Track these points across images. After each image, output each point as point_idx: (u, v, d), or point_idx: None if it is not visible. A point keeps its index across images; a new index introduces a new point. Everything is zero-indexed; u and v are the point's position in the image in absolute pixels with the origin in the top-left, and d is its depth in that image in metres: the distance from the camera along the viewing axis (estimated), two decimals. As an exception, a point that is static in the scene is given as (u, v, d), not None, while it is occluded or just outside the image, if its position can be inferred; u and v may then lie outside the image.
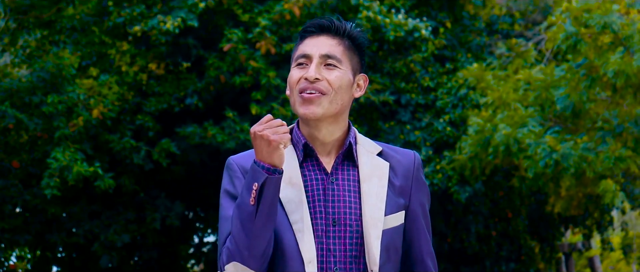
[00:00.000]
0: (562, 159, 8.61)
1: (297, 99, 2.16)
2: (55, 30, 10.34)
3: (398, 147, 2.29)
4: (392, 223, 2.15)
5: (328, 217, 2.12)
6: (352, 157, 2.20)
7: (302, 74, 2.16)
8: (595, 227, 17.13)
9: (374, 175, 2.17)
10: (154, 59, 10.91)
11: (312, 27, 2.20)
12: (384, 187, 2.16)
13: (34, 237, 11.37)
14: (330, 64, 2.16)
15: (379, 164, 2.19)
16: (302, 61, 2.17)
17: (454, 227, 14.06)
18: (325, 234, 2.11)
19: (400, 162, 2.23)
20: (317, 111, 2.13)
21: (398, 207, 2.17)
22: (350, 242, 2.12)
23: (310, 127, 2.18)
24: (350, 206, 2.14)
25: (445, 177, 10.79)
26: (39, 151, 10.05)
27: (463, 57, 11.74)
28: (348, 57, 2.20)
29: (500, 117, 9.48)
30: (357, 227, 2.12)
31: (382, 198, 2.15)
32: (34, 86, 9.53)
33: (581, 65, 8.82)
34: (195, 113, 11.09)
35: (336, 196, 2.15)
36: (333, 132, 2.18)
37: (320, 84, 2.14)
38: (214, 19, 10.87)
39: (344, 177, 2.17)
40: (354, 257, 2.12)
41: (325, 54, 2.16)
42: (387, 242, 2.13)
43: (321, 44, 2.17)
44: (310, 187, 2.15)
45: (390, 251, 2.14)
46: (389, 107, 11.54)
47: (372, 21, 10.49)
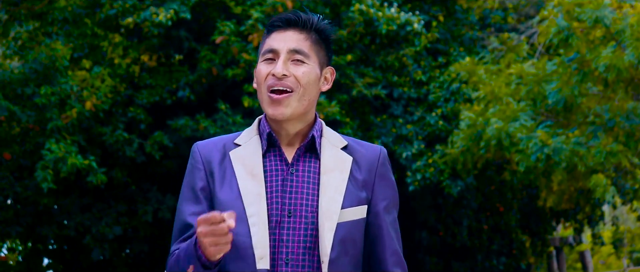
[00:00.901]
0: (553, 154, 8.63)
1: (265, 97, 2.16)
2: (47, 21, 10.30)
3: (365, 142, 2.28)
4: (350, 216, 2.14)
5: (284, 208, 2.13)
6: (315, 149, 2.20)
7: (270, 70, 2.15)
8: (586, 221, 17.20)
9: (336, 168, 2.17)
10: (146, 51, 10.90)
11: (279, 21, 2.18)
12: (344, 181, 2.16)
13: (25, 229, 11.35)
14: (297, 59, 2.16)
15: (342, 158, 2.19)
16: (269, 56, 2.17)
17: (446, 221, 14.10)
18: (279, 225, 2.12)
19: (365, 156, 2.22)
20: (286, 112, 2.14)
21: (359, 201, 2.16)
22: (304, 233, 2.12)
23: (275, 123, 2.19)
24: (308, 197, 2.14)
25: (437, 171, 10.81)
26: (31, 142, 10.02)
27: (455, 51, 11.76)
28: (315, 51, 2.19)
29: (492, 111, 9.50)
30: (312, 218, 2.12)
31: (341, 191, 2.14)
32: (26, 78, 9.50)
33: (573, 59, 8.84)
34: (188, 105, 11.08)
35: (294, 187, 2.15)
36: (297, 125, 2.19)
37: (288, 80, 2.14)
38: (207, 11, 10.86)
39: (305, 168, 2.17)
40: (308, 248, 2.11)
41: (292, 49, 2.16)
42: (343, 235, 2.12)
43: (288, 39, 2.16)
44: (270, 177, 2.16)
45: (346, 244, 2.13)
46: (381, 101, 11.55)
47: (364, 14, 10.49)
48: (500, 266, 14.61)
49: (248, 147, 2.19)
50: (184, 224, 2.17)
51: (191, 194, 2.18)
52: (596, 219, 17.24)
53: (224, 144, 2.22)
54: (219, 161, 2.18)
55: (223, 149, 2.21)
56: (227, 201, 2.13)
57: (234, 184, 2.15)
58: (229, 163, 2.18)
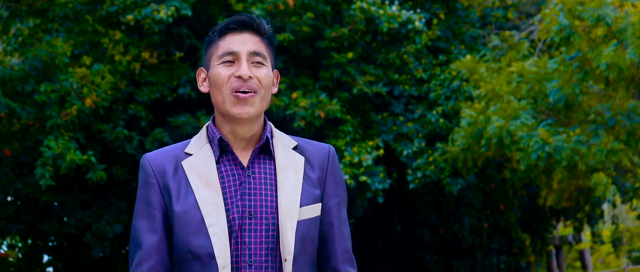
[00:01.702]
0: (554, 152, 8.63)
1: (229, 98, 2.14)
2: (48, 18, 10.28)
3: (314, 141, 2.31)
4: (308, 214, 2.16)
5: (245, 211, 2.13)
6: (268, 151, 2.21)
7: (232, 72, 2.15)
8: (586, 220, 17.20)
9: (290, 168, 2.19)
10: (147, 48, 10.88)
11: (234, 23, 2.18)
12: (299, 180, 2.18)
13: (25, 226, 11.34)
14: (258, 61, 2.17)
15: (294, 158, 2.21)
16: (229, 58, 2.16)
17: (446, 219, 14.10)
18: (241, 227, 2.12)
19: (315, 154, 2.25)
20: (251, 111, 2.14)
21: (314, 198, 2.19)
22: (266, 234, 2.12)
23: (234, 124, 2.18)
24: (267, 198, 2.15)
25: (437, 169, 10.81)
26: (31, 139, 10.01)
27: (456, 49, 11.75)
28: (269, 53, 2.21)
29: (493, 109, 9.49)
30: (273, 219, 2.13)
31: (298, 190, 2.16)
32: (27, 75, 9.48)
33: (574, 58, 8.83)
34: (188, 103, 11.07)
35: (252, 189, 2.16)
36: (254, 127, 2.20)
37: (253, 82, 2.15)
38: (208, 8, 10.85)
39: (261, 170, 2.18)
40: (270, 249, 2.12)
41: (253, 51, 2.16)
42: (303, 233, 2.14)
43: (246, 41, 2.17)
44: (227, 183, 2.15)
45: (306, 242, 2.15)
46: (382, 99, 11.54)
47: (366, 12, 10.48)
48: (500, 265, 14.61)
49: (200, 156, 2.18)
50: (140, 242, 2.16)
51: (146, 210, 2.17)
52: (596, 217, 17.25)
53: (174, 155, 2.20)
54: (172, 173, 2.17)
55: (174, 159, 2.19)
56: (185, 213, 2.12)
57: (190, 195, 2.14)
58: (183, 174, 2.16)
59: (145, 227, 2.16)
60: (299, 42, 10.66)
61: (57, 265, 12.76)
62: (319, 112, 9.90)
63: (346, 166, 10.09)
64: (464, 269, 14.22)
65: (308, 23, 10.36)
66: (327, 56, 10.84)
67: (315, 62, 11.15)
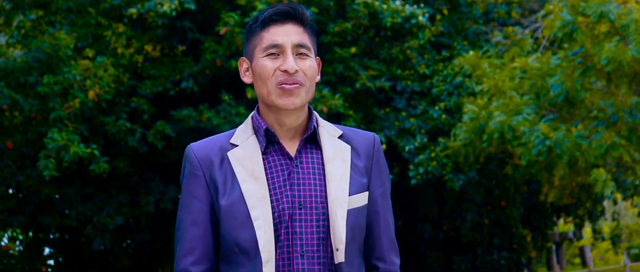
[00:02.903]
0: (555, 147, 8.64)
1: (274, 90, 2.14)
2: (51, 11, 10.28)
3: (358, 130, 2.30)
4: (357, 203, 2.16)
5: (294, 201, 2.13)
6: (315, 140, 2.21)
7: (277, 65, 2.14)
8: (586, 217, 17.22)
9: (337, 157, 2.19)
10: (149, 42, 10.88)
11: (277, 15, 2.17)
12: (347, 169, 2.17)
13: (26, 218, 11.35)
14: (302, 53, 2.16)
15: (341, 147, 2.21)
16: (274, 51, 2.15)
17: (448, 215, 14.11)
18: (291, 218, 2.12)
19: (361, 143, 2.24)
20: (297, 102, 2.14)
21: (362, 187, 2.19)
22: (317, 224, 2.13)
23: (280, 115, 2.18)
24: (316, 188, 2.15)
25: (439, 164, 10.82)
26: (34, 131, 10.02)
27: (459, 45, 11.76)
28: (312, 44, 2.21)
29: (495, 105, 9.50)
30: (323, 208, 2.13)
31: (346, 179, 2.16)
32: (30, 67, 9.48)
33: (577, 54, 8.84)
34: (191, 96, 11.07)
35: (301, 179, 2.15)
36: (300, 117, 2.20)
37: (298, 75, 2.14)
38: (211, 2, 10.85)
39: (308, 160, 2.18)
40: (321, 239, 2.12)
41: (297, 44, 2.16)
42: (353, 222, 2.14)
43: (290, 33, 2.16)
44: (276, 174, 2.15)
45: (355, 231, 2.15)
46: (385, 94, 11.55)
47: (369, 7, 10.48)
48: (501, 260, 14.62)
49: (246, 147, 2.18)
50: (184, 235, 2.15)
51: (190, 202, 2.16)
52: (597, 214, 17.27)
53: (220, 146, 2.19)
54: (218, 165, 2.16)
55: (220, 151, 2.18)
56: (231, 206, 2.12)
57: (236, 188, 2.13)
58: (229, 166, 2.15)
59: (191, 220, 2.15)
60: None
61: (58, 258, 12.78)
62: (321, 107, 9.91)
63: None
64: (464, 264, 14.23)
65: (311, 18, 10.36)
66: (330, 51, 10.85)
67: (319, 56, 11.14)
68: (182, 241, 2.16)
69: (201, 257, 2.14)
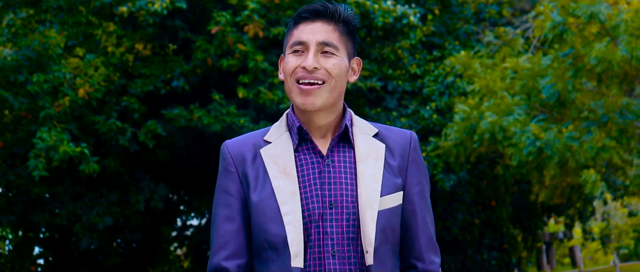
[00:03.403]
0: (545, 147, 8.66)
1: (294, 88, 2.14)
2: (41, 9, 10.24)
3: (395, 128, 2.27)
4: (389, 204, 2.14)
5: (325, 200, 2.12)
6: (348, 138, 2.19)
7: (299, 62, 2.13)
8: (577, 217, 17.28)
9: (371, 156, 2.17)
10: (140, 40, 10.85)
11: (306, 12, 2.16)
12: (380, 169, 2.15)
13: (17, 217, 11.30)
14: (327, 51, 2.14)
15: (375, 145, 2.19)
16: (298, 48, 2.14)
17: (439, 215, 14.14)
18: (322, 217, 2.11)
19: (397, 142, 2.21)
20: (316, 102, 2.12)
21: (395, 187, 2.16)
22: (347, 224, 2.11)
23: (306, 114, 2.17)
24: (347, 187, 2.13)
25: (430, 164, 10.83)
26: (24, 130, 9.97)
27: (450, 45, 11.78)
28: (344, 42, 2.17)
29: (486, 105, 9.51)
30: (353, 208, 2.12)
31: (378, 179, 2.14)
32: (20, 65, 9.45)
33: (567, 54, 8.86)
34: (182, 96, 11.05)
35: (332, 178, 2.14)
36: (328, 116, 2.18)
37: (319, 73, 2.12)
38: (202, 1, 10.82)
39: (340, 159, 2.17)
40: (351, 239, 2.11)
41: (322, 42, 2.14)
42: (384, 223, 2.12)
43: (317, 31, 2.14)
44: (307, 172, 2.15)
45: (387, 232, 2.13)
46: (376, 94, 11.56)
47: (361, 7, 10.48)
48: (491, 260, 14.66)
49: (279, 144, 2.18)
50: (220, 230, 2.17)
51: (224, 198, 2.17)
52: (587, 214, 17.33)
53: (253, 142, 2.20)
54: (251, 161, 2.17)
55: (253, 147, 2.19)
56: (261, 201, 2.12)
57: (267, 184, 2.13)
58: (261, 162, 2.16)
59: (224, 216, 2.16)
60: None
61: (48, 257, 12.73)
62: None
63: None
64: (455, 264, 14.26)
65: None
66: (321, 50, 10.83)
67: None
68: (216, 236, 2.17)
69: (234, 252, 2.14)
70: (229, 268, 2.14)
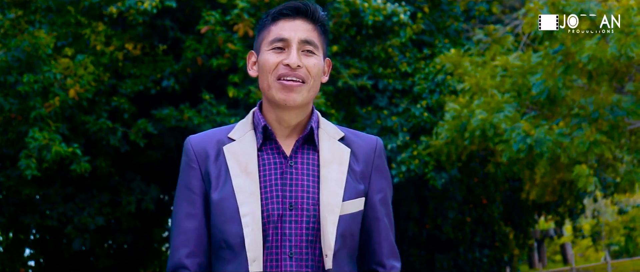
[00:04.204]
0: (536, 144, 8.67)
1: (274, 84, 2.11)
2: (30, 10, 10.20)
3: (362, 133, 2.26)
4: (350, 209, 2.13)
5: (285, 202, 2.10)
6: (312, 141, 2.17)
7: (281, 59, 2.11)
8: (567, 214, 17.33)
9: (334, 160, 2.15)
10: (130, 40, 10.82)
11: (288, 9, 2.14)
12: (343, 173, 2.14)
13: (7, 219, 11.25)
14: (309, 50, 2.13)
15: (340, 149, 2.17)
16: (279, 45, 2.12)
17: (430, 213, 14.15)
18: (281, 219, 2.09)
19: (362, 147, 2.20)
20: (298, 99, 2.11)
21: (357, 193, 2.15)
22: (306, 226, 2.10)
23: (279, 111, 2.15)
24: (308, 190, 2.11)
25: (421, 162, 10.84)
26: (14, 131, 9.93)
27: (440, 43, 11.79)
28: (321, 42, 2.17)
29: (477, 102, 9.52)
30: (314, 212, 2.10)
31: (341, 184, 2.12)
32: (9, 66, 9.41)
33: (557, 52, 8.87)
34: (172, 95, 11.02)
35: (294, 180, 2.12)
36: (300, 115, 2.16)
37: (301, 71, 2.11)
38: (192, 0, 10.80)
39: (304, 161, 2.15)
40: (309, 242, 2.09)
41: (304, 40, 2.13)
42: (344, 228, 2.11)
43: (298, 29, 2.13)
44: (269, 172, 2.12)
45: (346, 237, 2.12)
46: (367, 92, 11.55)
47: (351, 5, 10.48)
48: (483, 258, 14.68)
49: (243, 142, 2.15)
50: (181, 227, 2.14)
51: (186, 194, 2.15)
52: (577, 211, 17.38)
53: (218, 139, 2.17)
54: (214, 158, 2.14)
55: (217, 144, 2.16)
56: (221, 200, 2.10)
57: (228, 183, 2.11)
58: (224, 159, 2.14)
59: (185, 212, 2.14)
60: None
61: (38, 259, 12.68)
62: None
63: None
64: (447, 262, 14.27)
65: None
66: (311, 49, 10.82)
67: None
68: (176, 232, 2.15)
69: (195, 250, 2.12)
70: (190, 266, 2.11)
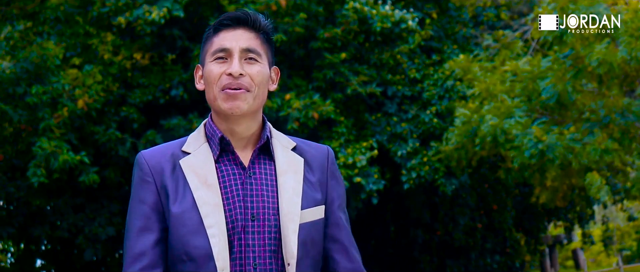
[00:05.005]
0: (547, 150, 8.63)
1: (219, 95, 2.10)
2: (39, 21, 10.24)
3: (311, 142, 2.27)
4: (309, 217, 2.13)
5: (247, 213, 2.09)
6: (268, 151, 2.17)
7: (224, 69, 2.10)
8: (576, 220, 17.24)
9: (290, 170, 2.15)
10: (138, 50, 10.84)
11: (228, 20, 2.12)
12: (299, 182, 2.14)
13: (17, 230, 11.26)
14: (251, 58, 2.12)
15: (294, 159, 2.17)
16: (221, 55, 2.10)
17: (441, 220, 14.10)
18: (244, 229, 2.08)
19: (315, 156, 2.21)
20: (242, 106, 2.09)
21: (315, 201, 2.15)
22: (268, 236, 2.09)
23: (230, 122, 2.13)
24: (268, 200, 2.11)
25: (431, 169, 10.80)
26: (24, 143, 9.95)
27: (449, 49, 11.76)
28: (265, 50, 2.16)
29: (487, 108, 9.48)
30: (275, 221, 2.10)
31: (298, 192, 2.13)
32: (18, 77, 9.43)
33: (567, 56, 8.84)
34: (181, 105, 11.03)
35: (255, 190, 2.11)
36: (251, 126, 2.15)
37: (244, 79, 2.09)
38: (200, 9, 10.81)
39: (262, 171, 2.14)
40: (272, 251, 2.09)
41: (245, 48, 2.11)
42: (304, 236, 2.10)
43: (240, 38, 2.11)
44: (229, 183, 2.11)
45: (307, 245, 2.11)
46: (376, 99, 11.53)
47: (358, 12, 10.47)
48: (494, 264, 14.61)
49: (199, 155, 2.13)
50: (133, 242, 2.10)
51: (140, 208, 2.11)
52: (587, 217, 17.29)
53: (171, 153, 2.14)
54: (169, 172, 2.12)
55: (172, 158, 2.13)
56: (183, 213, 2.07)
57: (188, 195, 2.09)
58: (181, 173, 2.11)
59: (139, 226, 2.10)
60: (291, 43, 10.64)
61: (49, 269, 12.69)
62: (312, 113, 9.88)
63: (340, 167, 10.06)
64: (457, 269, 14.21)
65: (300, 24, 10.35)
66: (320, 57, 10.82)
67: (308, 63, 11.13)
68: (130, 247, 2.11)
69: (150, 264, 2.08)
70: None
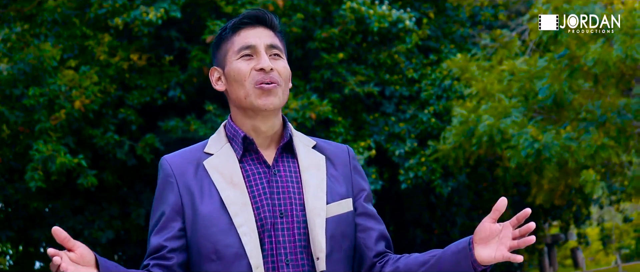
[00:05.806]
0: (544, 149, 8.65)
1: (253, 91, 2.11)
2: (36, 23, 10.25)
3: (331, 141, 2.30)
4: (336, 211, 2.15)
5: (275, 210, 2.12)
6: (290, 149, 2.19)
7: (252, 66, 2.12)
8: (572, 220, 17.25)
9: (312, 166, 2.18)
10: (136, 52, 10.85)
11: (248, 18, 2.15)
12: (322, 178, 2.17)
13: (16, 233, 11.27)
14: (276, 54, 2.15)
15: (316, 157, 2.21)
16: (248, 52, 2.13)
17: (439, 219, 14.11)
18: (274, 227, 2.11)
19: (335, 153, 2.25)
20: (276, 102, 2.12)
21: (340, 195, 2.18)
22: (297, 232, 2.12)
23: (256, 120, 2.15)
24: (295, 196, 2.14)
25: (429, 170, 10.81)
26: (21, 145, 9.95)
27: (446, 49, 11.78)
28: (284, 47, 2.20)
29: (484, 107, 9.51)
30: (303, 217, 2.12)
31: (323, 187, 2.16)
32: (15, 79, 9.44)
33: (563, 56, 8.87)
34: (178, 106, 11.03)
35: (281, 187, 2.14)
36: (275, 124, 2.17)
37: (274, 74, 2.12)
38: (197, 10, 10.83)
39: (286, 168, 2.17)
40: (303, 247, 2.11)
41: (270, 44, 2.15)
42: (333, 230, 2.13)
43: (262, 35, 2.15)
44: (254, 182, 2.13)
45: (337, 239, 2.14)
46: (373, 99, 11.55)
47: (356, 12, 10.49)
48: (492, 263, 14.62)
49: (222, 156, 2.15)
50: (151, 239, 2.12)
51: (160, 207, 2.13)
52: (582, 218, 17.30)
53: (194, 156, 2.16)
54: (193, 174, 2.13)
55: (195, 161, 2.15)
56: (211, 213, 2.09)
57: (214, 196, 2.10)
58: (205, 174, 2.13)
59: (157, 225, 2.12)
60: (289, 43, 10.65)
61: None
62: (310, 114, 9.89)
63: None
64: (456, 268, 14.22)
65: (298, 24, 10.37)
66: (317, 57, 10.84)
67: (306, 63, 11.15)
68: (149, 243, 2.13)
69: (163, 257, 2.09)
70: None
